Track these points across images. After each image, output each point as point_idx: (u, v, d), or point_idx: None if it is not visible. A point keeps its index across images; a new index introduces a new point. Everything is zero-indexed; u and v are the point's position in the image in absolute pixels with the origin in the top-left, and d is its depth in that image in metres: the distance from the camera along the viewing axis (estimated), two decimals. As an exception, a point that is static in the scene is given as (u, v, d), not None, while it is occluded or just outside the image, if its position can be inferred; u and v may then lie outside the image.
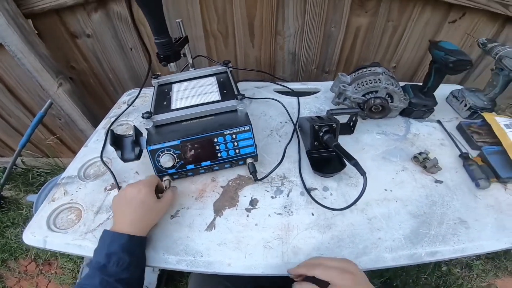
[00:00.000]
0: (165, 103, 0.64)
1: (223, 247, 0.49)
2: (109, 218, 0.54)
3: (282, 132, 0.71)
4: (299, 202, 0.55)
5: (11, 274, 1.21)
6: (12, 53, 0.87)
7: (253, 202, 0.56)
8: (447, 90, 0.81)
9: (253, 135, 0.57)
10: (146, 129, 0.57)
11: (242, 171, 0.61)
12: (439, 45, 0.65)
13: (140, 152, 0.57)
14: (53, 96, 0.98)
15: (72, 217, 0.56)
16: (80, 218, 0.56)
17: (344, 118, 0.69)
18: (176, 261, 0.48)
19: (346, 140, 0.67)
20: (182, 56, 0.68)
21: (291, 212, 0.54)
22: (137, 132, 0.57)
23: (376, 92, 0.67)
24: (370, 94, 0.68)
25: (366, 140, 0.68)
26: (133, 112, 0.81)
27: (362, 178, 0.45)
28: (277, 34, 0.93)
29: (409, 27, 0.89)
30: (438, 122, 0.73)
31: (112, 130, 0.56)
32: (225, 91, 0.65)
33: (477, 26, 0.85)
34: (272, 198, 0.56)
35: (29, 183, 1.46)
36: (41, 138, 1.32)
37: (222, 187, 0.59)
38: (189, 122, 0.59)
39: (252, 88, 0.87)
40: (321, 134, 0.57)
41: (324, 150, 0.60)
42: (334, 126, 0.56)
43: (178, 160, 0.56)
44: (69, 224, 0.55)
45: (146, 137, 0.57)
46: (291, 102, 0.81)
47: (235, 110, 0.59)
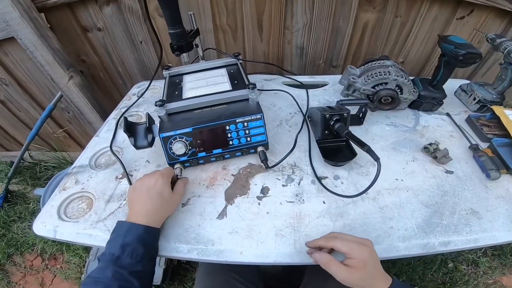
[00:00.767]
0: (176, 93, 0.65)
1: (235, 235, 0.49)
2: (120, 207, 0.54)
3: (291, 122, 0.71)
4: (311, 190, 0.55)
5: (17, 269, 1.21)
6: (24, 46, 0.88)
7: (264, 190, 0.56)
8: (456, 84, 0.82)
9: (264, 123, 0.57)
10: (159, 116, 0.57)
11: (253, 160, 0.61)
12: (449, 39, 0.65)
13: (152, 139, 0.57)
14: (63, 88, 0.99)
15: (83, 206, 0.56)
16: (91, 207, 0.55)
17: (353, 110, 0.69)
18: (187, 249, 0.48)
19: (356, 130, 0.67)
20: (194, 47, 0.69)
21: (303, 200, 0.54)
22: (150, 119, 0.57)
23: (385, 84, 0.67)
24: (379, 86, 0.68)
25: (376, 131, 0.68)
26: (143, 103, 0.82)
27: (374, 166, 0.45)
28: (285, 29, 0.94)
29: (417, 23, 0.89)
30: (447, 114, 0.73)
31: (125, 118, 0.57)
32: (235, 82, 0.66)
33: (485, 23, 0.85)
34: (283, 186, 0.56)
35: (36, 177, 1.47)
36: (49, 131, 1.34)
37: (233, 175, 0.59)
38: (201, 110, 0.59)
39: (260, 80, 0.88)
40: (331, 123, 0.57)
41: (334, 139, 0.61)
42: (345, 115, 0.57)
43: (190, 147, 0.56)
44: (80, 213, 0.55)
45: (158, 125, 0.58)
46: (300, 94, 0.81)
47: (247, 99, 0.60)
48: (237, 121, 0.56)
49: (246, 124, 0.57)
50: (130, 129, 0.56)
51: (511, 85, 0.71)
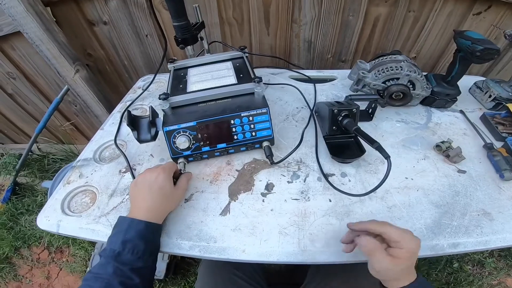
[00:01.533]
0: (181, 86, 0.64)
1: (238, 233, 0.48)
2: (123, 201, 0.54)
3: (298, 117, 0.70)
4: (316, 187, 0.54)
5: (24, 262, 1.22)
6: (30, 40, 0.88)
7: (268, 187, 0.54)
8: (470, 81, 0.78)
9: (270, 118, 0.56)
10: (163, 110, 0.56)
11: (258, 155, 0.60)
12: (465, 34, 0.62)
13: (156, 133, 0.56)
14: (70, 82, 1.00)
15: (86, 200, 0.56)
16: (94, 201, 0.55)
17: (362, 105, 0.67)
18: (189, 246, 0.47)
19: (365, 126, 0.65)
20: (199, 40, 0.68)
21: (308, 197, 0.52)
22: (153, 113, 0.56)
23: (397, 79, 0.65)
24: (390, 81, 0.66)
25: (385, 127, 0.66)
26: (148, 96, 0.81)
27: (384, 163, 0.43)
28: (293, 22, 0.92)
29: (431, 18, 0.86)
30: (461, 112, 0.71)
31: (129, 111, 0.56)
32: (241, 75, 0.65)
33: (502, 19, 0.82)
34: (288, 183, 0.55)
35: (44, 170, 1.49)
36: (56, 124, 1.35)
37: (237, 171, 0.58)
38: (205, 104, 0.58)
39: (267, 74, 0.86)
40: (340, 119, 0.55)
41: (342, 135, 0.59)
42: (354, 110, 0.55)
43: (194, 141, 0.55)
44: (83, 207, 0.54)
45: (162, 118, 0.57)
46: (307, 88, 0.79)
47: (252, 93, 0.58)
48: (242, 115, 0.55)
49: (251, 118, 0.55)
50: (134, 122, 0.55)
51: (529, 82, 0.67)
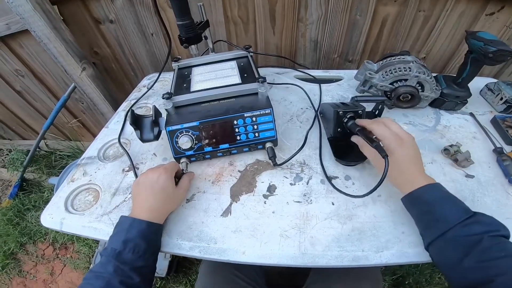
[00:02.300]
0: (185, 85, 0.64)
1: (238, 234, 0.48)
2: (125, 200, 0.54)
3: (302, 118, 0.69)
4: (319, 190, 0.53)
5: (29, 258, 1.24)
6: (38, 38, 0.89)
7: (271, 189, 0.54)
8: (481, 83, 0.76)
9: (273, 119, 0.55)
10: (166, 109, 0.56)
11: (261, 156, 0.59)
12: (478, 35, 0.60)
13: (159, 132, 0.56)
14: (76, 80, 1.00)
15: (89, 198, 0.56)
16: (97, 199, 0.55)
17: (369, 107, 0.65)
18: (189, 247, 0.47)
19: (371, 129, 0.64)
20: (203, 39, 0.67)
21: (311, 200, 0.52)
22: (156, 112, 0.56)
23: (405, 80, 0.63)
24: (398, 82, 0.64)
25: (392, 130, 0.64)
26: (152, 95, 0.81)
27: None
28: (299, 21, 0.90)
29: (442, 18, 0.83)
30: (471, 114, 0.68)
31: (132, 110, 0.56)
32: (245, 75, 0.64)
33: (516, 20, 0.79)
34: (291, 185, 0.54)
35: (51, 166, 1.51)
36: (63, 121, 1.37)
37: (239, 172, 0.57)
38: (208, 104, 0.58)
39: (272, 74, 0.85)
40: (345, 121, 0.54)
41: (347, 137, 0.57)
42: (359, 112, 0.53)
43: (196, 141, 0.55)
44: (86, 205, 0.55)
45: (165, 118, 0.57)
46: (312, 88, 0.78)
47: (256, 93, 0.57)
48: (245, 115, 0.54)
49: (254, 119, 0.55)
50: (137, 122, 0.55)
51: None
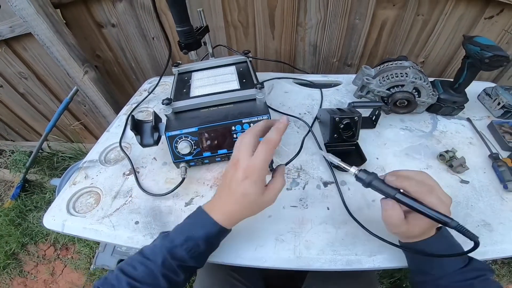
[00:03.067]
0: (184, 91, 0.65)
1: (234, 237, 0.48)
2: (125, 203, 0.55)
3: (300, 123, 0.69)
4: (315, 195, 0.54)
5: (30, 258, 1.26)
6: (41, 42, 0.90)
7: (268, 193, 0.55)
8: (479, 87, 0.76)
9: (271, 125, 0.56)
10: (166, 115, 0.57)
11: (258, 161, 0.60)
12: (474, 40, 0.61)
13: (158, 137, 0.57)
14: (79, 83, 1.02)
15: (91, 201, 0.57)
16: (98, 202, 0.56)
17: (366, 112, 0.66)
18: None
19: (368, 134, 0.65)
20: (203, 44, 0.68)
21: (306, 205, 0.53)
22: (156, 117, 0.57)
23: (402, 86, 0.64)
24: (395, 88, 0.65)
25: (389, 135, 0.65)
26: (153, 99, 0.82)
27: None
28: (298, 25, 0.91)
29: (440, 22, 0.84)
30: (468, 120, 0.69)
31: (133, 116, 0.57)
32: (244, 81, 0.65)
33: (515, 23, 0.79)
34: (287, 190, 0.55)
35: (53, 167, 1.53)
36: (66, 123, 1.38)
37: (237, 176, 0.58)
38: (207, 109, 0.59)
39: (271, 79, 0.86)
40: (341, 127, 0.55)
41: (343, 143, 0.58)
42: (355, 118, 0.54)
43: (195, 147, 0.56)
44: (87, 208, 0.56)
45: (165, 123, 0.58)
46: (311, 93, 0.79)
47: (254, 99, 0.58)
48: (243, 121, 0.55)
49: (252, 125, 0.55)
50: (137, 127, 0.56)
51: (541, 90, 0.65)
